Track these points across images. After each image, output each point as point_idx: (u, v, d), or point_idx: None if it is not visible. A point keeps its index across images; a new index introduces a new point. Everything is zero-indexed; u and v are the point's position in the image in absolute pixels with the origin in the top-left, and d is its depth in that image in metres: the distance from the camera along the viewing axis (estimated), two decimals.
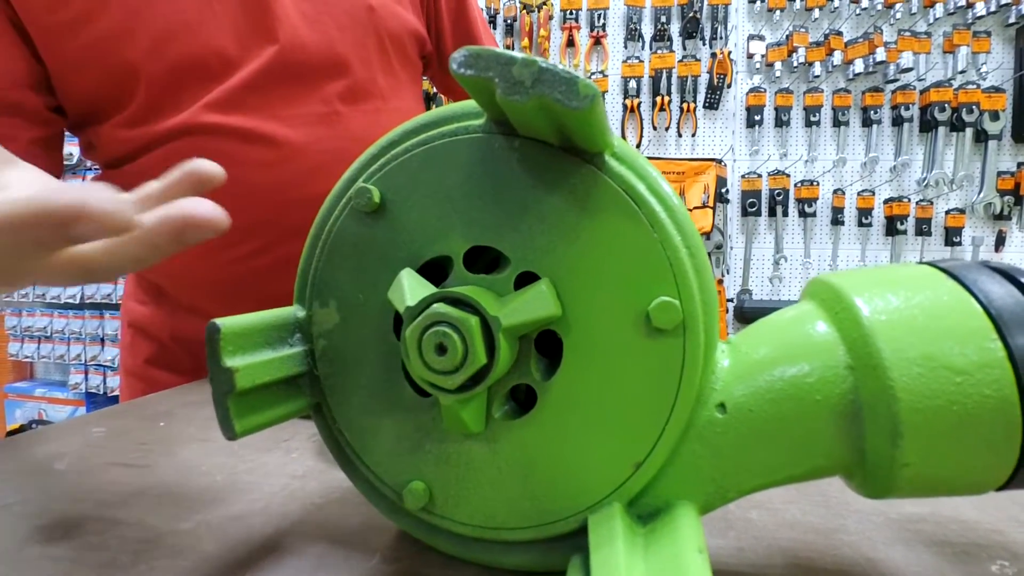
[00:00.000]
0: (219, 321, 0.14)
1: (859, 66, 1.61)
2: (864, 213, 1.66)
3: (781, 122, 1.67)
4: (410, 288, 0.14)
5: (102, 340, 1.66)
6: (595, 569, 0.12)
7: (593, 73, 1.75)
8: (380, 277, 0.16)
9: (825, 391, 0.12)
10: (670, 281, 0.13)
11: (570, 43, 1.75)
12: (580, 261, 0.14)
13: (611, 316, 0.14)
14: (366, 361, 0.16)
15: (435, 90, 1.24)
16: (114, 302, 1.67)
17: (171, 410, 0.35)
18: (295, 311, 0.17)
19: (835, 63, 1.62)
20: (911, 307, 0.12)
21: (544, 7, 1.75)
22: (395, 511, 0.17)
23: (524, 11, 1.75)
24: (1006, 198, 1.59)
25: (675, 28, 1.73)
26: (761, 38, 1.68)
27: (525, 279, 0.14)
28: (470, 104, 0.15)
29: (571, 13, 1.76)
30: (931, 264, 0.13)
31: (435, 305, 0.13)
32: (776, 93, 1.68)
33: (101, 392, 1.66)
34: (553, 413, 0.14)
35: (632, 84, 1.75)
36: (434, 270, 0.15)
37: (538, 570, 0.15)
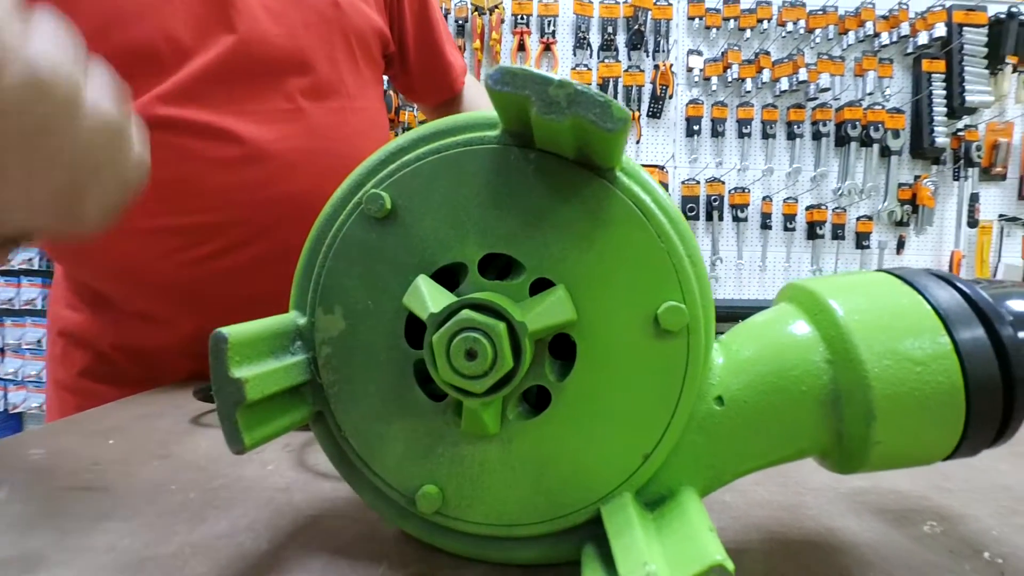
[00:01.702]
0: (225, 330, 0.14)
1: (785, 84, 1.77)
2: (789, 219, 1.81)
3: (717, 132, 1.79)
4: (430, 294, 0.14)
5: (1, 350, 1.47)
6: (618, 555, 0.13)
7: None
8: (391, 283, 0.16)
9: (809, 382, 0.14)
10: (675, 287, 0.14)
11: (521, 47, 1.77)
12: (593, 268, 0.15)
13: (622, 319, 0.15)
14: (375, 367, 0.16)
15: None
16: (17, 308, 1.48)
17: (119, 425, 0.32)
18: (295, 318, 0.17)
19: (764, 80, 1.77)
20: (877, 308, 0.14)
21: (496, 10, 1.76)
22: (404, 516, 0.17)
23: (476, 13, 1.75)
24: (905, 207, 1.82)
25: (621, 39, 1.80)
26: (699, 53, 1.80)
27: (539, 285, 0.15)
28: (481, 115, 0.16)
29: (522, 18, 1.78)
30: (887, 271, 0.16)
31: (464, 311, 0.13)
32: (713, 105, 1.80)
33: (1, 409, 1.47)
34: (567, 412, 0.15)
35: None
36: (445, 276, 0.16)
37: (548, 562, 0.16)
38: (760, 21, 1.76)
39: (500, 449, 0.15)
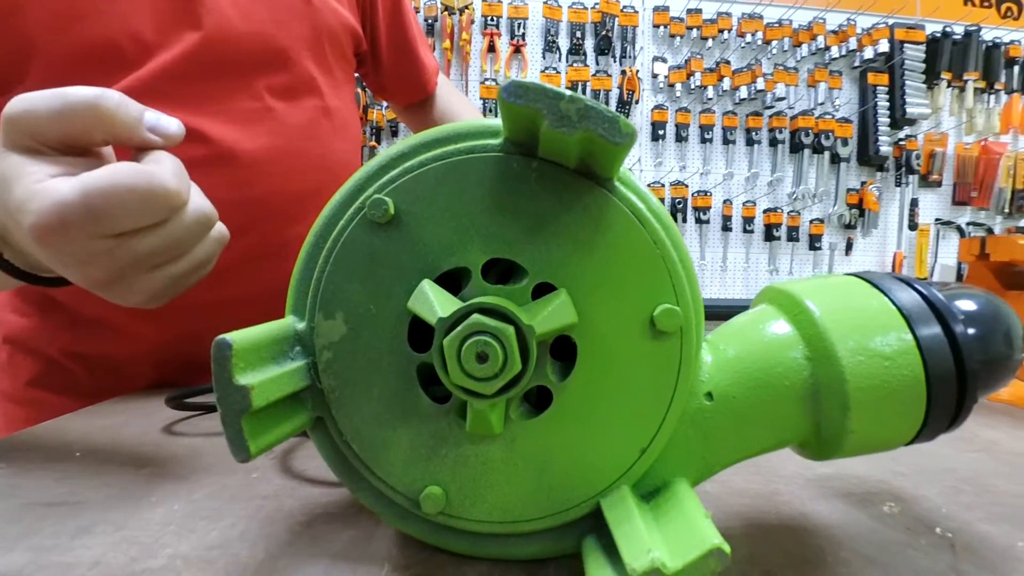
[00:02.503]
0: (228, 336, 0.14)
1: (744, 92, 1.85)
2: (748, 221, 1.90)
3: (681, 137, 1.86)
4: (437, 299, 0.14)
5: None
6: (621, 544, 0.13)
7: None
8: (394, 287, 0.16)
9: (791, 378, 0.15)
10: (670, 290, 0.15)
11: (491, 49, 1.77)
12: (592, 273, 0.15)
13: (619, 321, 0.15)
14: (378, 371, 0.16)
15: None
16: None
17: (84, 437, 0.30)
18: (293, 323, 0.17)
19: (725, 88, 1.84)
20: (850, 309, 0.15)
21: (466, 11, 1.75)
22: (405, 518, 0.17)
23: (446, 12, 1.74)
24: (852, 211, 1.94)
25: (590, 44, 1.84)
26: (664, 60, 1.85)
27: (540, 289, 0.16)
28: (483, 124, 0.16)
29: (492, 19, 1.78)
30: (855, 275, 0.17)
31: (474, 316, 0.14)
32: (677, 111, 1.86)
33: None
34: (568, 410, 0.16)
35: None
36: (446, 280, 0.16)
37: (549, 556, 0.17)
38: (721, 31, 1.83)
39: (503, 449, 0.16)
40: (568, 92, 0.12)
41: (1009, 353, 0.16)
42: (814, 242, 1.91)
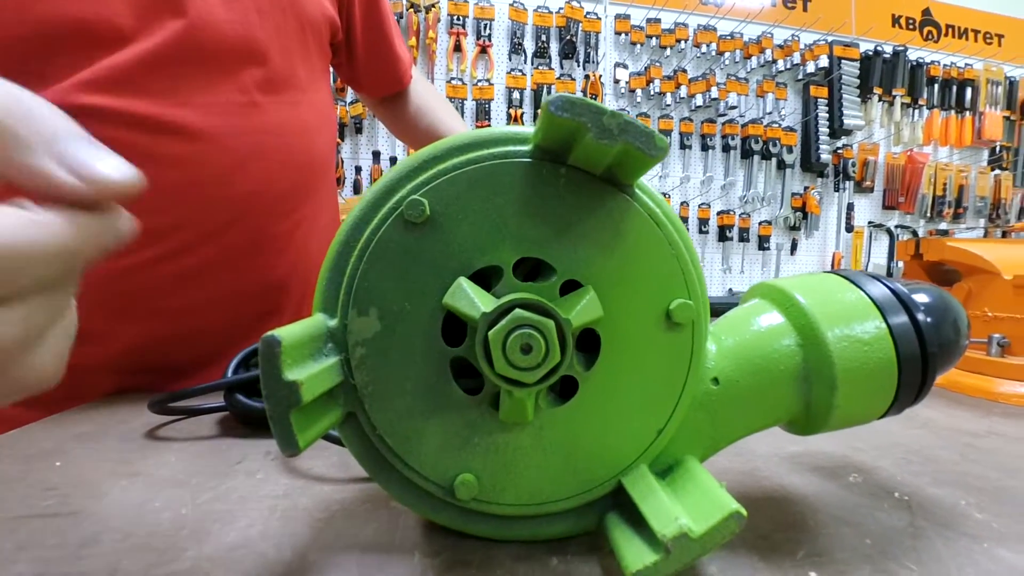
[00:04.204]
0: (276, 333, 0.14)
1: (699, 100, 1.94)
2: (703, 222, 1.99)
3: None
4: (477, 295, 0.15)
5: None
6: (648, 515, 0.15)
7: (480, 80, 1.80)
8: (429, 285, 0.17)
9: (786, 363, 0.17)
10: (683, 286, 0.17)
11: (457, 48, 1.77)
12: (615, 271, 0.17)
13: (639, 315, 0.17)
14: (412, 366, 0.17)
15: None
16: None
17: (59, 447, 0.29)
18: (324, 320, 0.17)
19: (682, 95, 1.92)
20: (833, 302, 0.18)
21: (432, 9, 1.74)
22: (437, 506, 0.18)
23: (411, 10, 1.72)
24: (797, 213, 2.08)
25: (555, 48, 1.87)
26: (625, 67, 1.92)
27: (567, 286, 0.17)
28: (511, 131, 0.17)
29: (458, 19, 1.78)
30: (834, 272, 0.19)
31: (516, 310, 0.15)
32: (637, 116, 1.92)
33: None
34: (592, 397, 0.17)
35: (516, 95, 1.84)
36: (477, 278, 0.17)
37: (573, 534, 0.18)
38: (678, 41, 1.92)
39: (532, 435, 0.17)
40: (610, 108, 0.13)
41: (958, 339, 0.19)
42: (763, 243, 2.04)
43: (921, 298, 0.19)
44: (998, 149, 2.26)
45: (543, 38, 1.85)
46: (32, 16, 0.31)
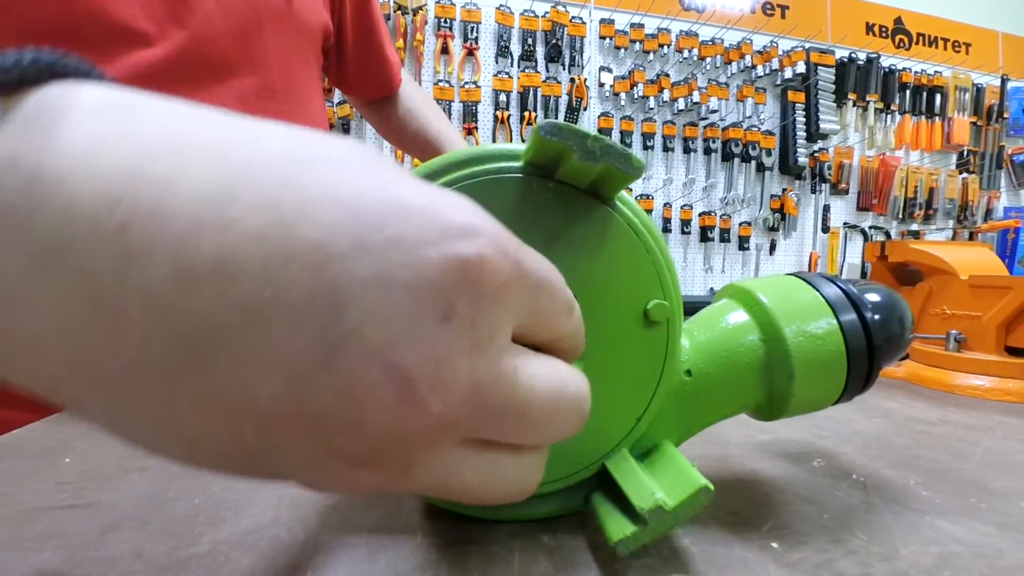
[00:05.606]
0: None
1: (681, 104, 1.98)
2: (685, 223, 2.04)
3: (625, 144, 1.96)
4: None
5: None
6: (629, 491, 0.17)
7: (467, 83, 1.81)
8: None
9: (750, 356, 0.20)
10: (659, 288, 0.19)
11: (444, 51, 1.78)
12: (598, 275, 0.19)
13: (619, 314, 0.19)
14: None
15: None
16: None
17: (65, 444, 0.30)
18: None
19: (664, 99, 1.96)
20: (791, 301, 0.20)
21: (420, 11, 1.75)
22: None
23: (399, 12, 1.73)
24: (775, 215, 2.14)
25: (541, 51, 1.90)
26: (610, 70, 1.95)
27: None
28: (504, 149, 0.19)
29: (445, 21, 1.79)
30: (794, 275, 0.22)
31: None
32: (621, 119, 1.96)
33: None
34: None
35: (502, 97, 1.86)
36: None
37: (562, 513, 0.20)
38: (661, 46, 1.96)
39: None
40: (593, 132, 0.15)
41: (903, 333, 0.21)
42: (743, 243, 2.09)
43: (872, 297, 0.21)
44: (966, 153, 2.35)
45: (529, 41, 1.87)
46: (40, 11, 0.32)
